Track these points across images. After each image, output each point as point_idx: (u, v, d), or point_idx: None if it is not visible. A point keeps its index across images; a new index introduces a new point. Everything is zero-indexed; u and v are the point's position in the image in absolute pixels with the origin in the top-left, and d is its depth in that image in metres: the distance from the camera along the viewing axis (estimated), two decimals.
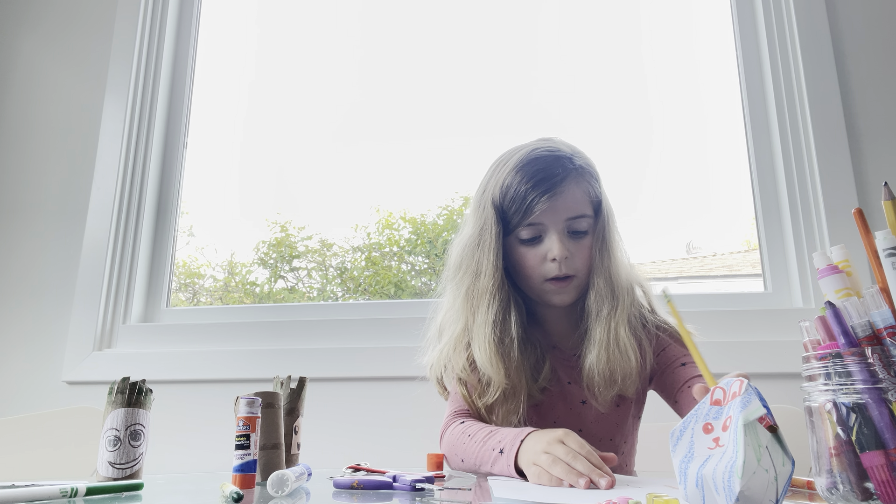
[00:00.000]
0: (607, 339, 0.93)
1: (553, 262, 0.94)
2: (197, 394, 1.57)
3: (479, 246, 0.96)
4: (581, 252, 0.95)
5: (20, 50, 1.93)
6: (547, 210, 0.92)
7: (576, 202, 0.94)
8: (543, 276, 0.95)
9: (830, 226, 1.48)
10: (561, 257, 0.93)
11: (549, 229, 0.94)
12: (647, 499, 0.53)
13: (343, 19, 2.00)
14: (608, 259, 0.96)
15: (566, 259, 0.93)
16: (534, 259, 0.95)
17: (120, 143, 1.77)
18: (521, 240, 0.96)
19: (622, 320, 0.94)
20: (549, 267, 0.94)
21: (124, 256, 1.74)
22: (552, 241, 0.93)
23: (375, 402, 1.52)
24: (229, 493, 0.61)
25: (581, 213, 0.95)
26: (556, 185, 0.92)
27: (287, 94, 1.98)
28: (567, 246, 0.94)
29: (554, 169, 0.93)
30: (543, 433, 0.79)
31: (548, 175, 0.93)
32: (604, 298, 0.95)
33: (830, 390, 0.52)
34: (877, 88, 1.56)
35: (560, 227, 0.94)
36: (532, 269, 0.96)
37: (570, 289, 0.96)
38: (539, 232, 0.95)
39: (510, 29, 1.92)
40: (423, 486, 0.70)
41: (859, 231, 0.59)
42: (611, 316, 0.94)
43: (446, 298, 1.04)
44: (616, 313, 0.94)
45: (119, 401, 0.80)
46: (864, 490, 0.50)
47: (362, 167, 1.90)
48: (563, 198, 0.93)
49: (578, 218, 0.95)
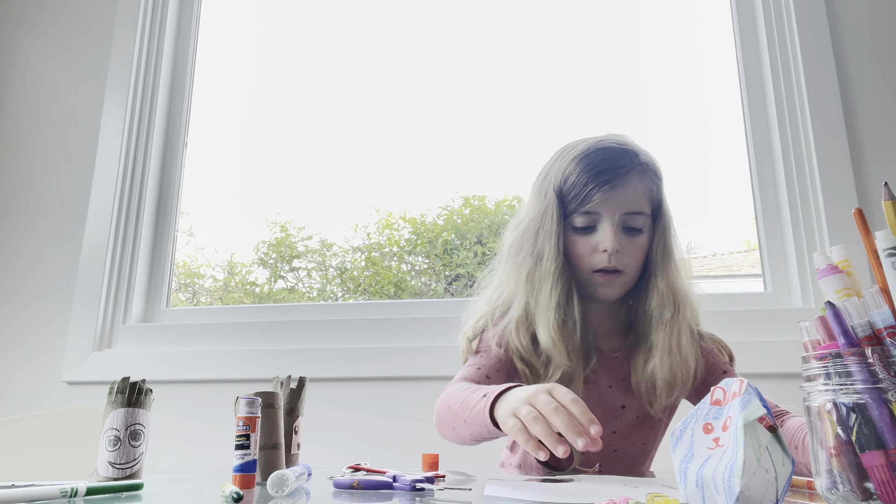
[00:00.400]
0: (670, 345, 0.92)
1: (603, 254, 0.93)
2: (197, 394, 1.57)
3: (540, 230, 0.96)
4: (633, 249, 0.94)
5: (20, 50, 1.93)
6: (605, 200, 0.92)
7: (636, 198, 0.93)
8: (592, 267, 0.94)
9: (830, 226, 1.48)
10: (612, 249, 0.92)
11: (605, 220, 0.93)
12: (647, 499, 0.53)
13: (343, 20, 2.00)
14: (669, 263, 0.96)
15: (617, 253, 0.92)
16: (584, 248, 0.94)
17: (120, 143, 1.77)
18: (575, 227, 0.95)
19: (684, 326, 0.94)
20: (598, 258, 0.93)
21: (124, 256, 1.74)
22: (606, 232, 0.92)
23: (375, 402, 1.52)
24: (229, 493, 0.61)
25: (639, 209, 0.94)
26: (618, 177, 0.92)
27: (287, 94, 1.98)
28: (620, 240, 0.92)
29: (619, 161, 0.93)
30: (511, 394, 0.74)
31: (611, 166, 0.92)
32: (666, 303, 0.94)
33: (830, 390, 0.52)
34: (877, 88, 1.56)
35: (615, 220, 0.92)
36: (581, 258, 0.95)
37: (616, 283, 0.95)
38: (594, 221, 0.94)
39: (509, 29, 1.92)
40: (422, 486, 0.70)
41: (859, 231, 0.59)
42: (674, 321, 0.93)
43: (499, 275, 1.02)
44: (678, 318, 0.93)
45: (119, 401, 0.80)
46: (864, 490, 0.50)
47: (362, 167, 1.90)
48: (624, 191, 0.92)
49: (636, 214, 0.94)
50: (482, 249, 1.85)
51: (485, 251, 1.84)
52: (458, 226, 1.88)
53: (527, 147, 1.83)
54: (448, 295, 1.84)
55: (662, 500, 0.51)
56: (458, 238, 1.87)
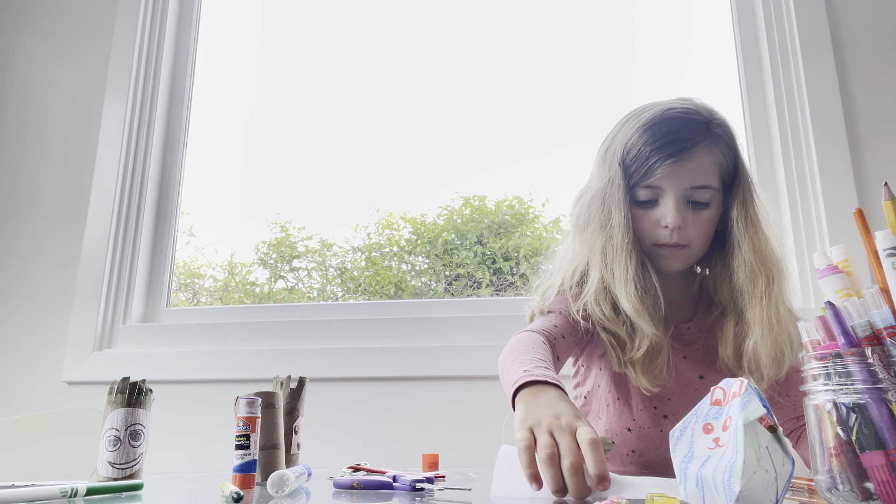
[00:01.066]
0: (768, 319, 0.87)
1: (665, 229, 0.90)
2: (197, 394, 1.57)
3: (607, 201, 0.92)
4: (698, 223, 0.91)
5: (19, 49, 1.93)
6: (669, 175, 0.88)
7: (702, 172, 0.89)
8: (654, 241, 0.92)
9: (830, 226, 1.48)
10: (674, 226, 0.89)
11: (668, 194, 0.89)
12: (647, 499, 0.53)
13: (343, 20, 2.00)
14: (755, 233, 0.91)
15: (679, 228, 0.89)
16: (646, 222, 0.92)
17: (120, 143, 1.77)
18: (637, 200, 0.92)
19: (780, 296, 0.89)
20: (660, 233, 0.91)
21: (124, 256, 1.74)
22: (668, 207, 0.89)
23: (375, 402, 1.52)
24: (229, 493, 0.61)
25: (706, 183, 0.89)
26: (683, 150, 0.87)
27: (287, 94, 1.98)
28: (683, 215, 0.89)
29: (686, 132, 0.88)
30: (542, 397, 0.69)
31: (678, 138, 0.88)
32: (757, 273, 0.89)
33: (830, 390, 0.52)
34: (877, 88, 1.56)
35: (679, 195, 0.89)
36: (643, 232, 0.92)
37: (680, 256, 0.92)
38: (656, 195, 0.90)
39: (509, 29, 1.92)
40: (422, 487, 0.70)
41: (859, 231, 0.59)
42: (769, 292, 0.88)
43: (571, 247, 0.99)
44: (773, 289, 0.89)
45: (119, 401, 0.80)
46: (864, 490, 0.50)
47: (362, 167, 1.90)
48: (690, 165, 0.88)
49: (701, 189, 0.89)
50: (482, 249, 1.85)
51: (485, 251, 1.84)
52: (458, 226, 1.88)
53: (527, 147, 1.83)
54: (448, 295, 1.84)
55: (662, 500, 0.51)
56: (458, 238, 1.87)
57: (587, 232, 0.95)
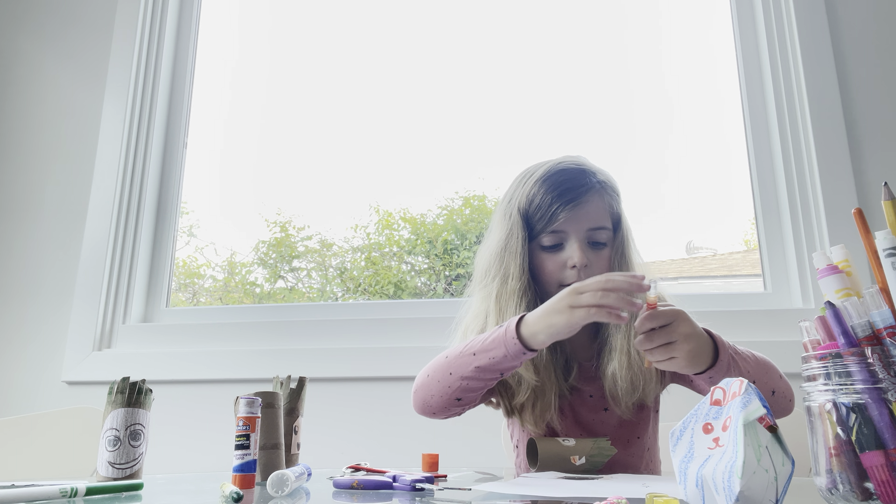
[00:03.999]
0: (628, 346, 0.96)
1: (572, 270, 0.96)
2: (197, 394, 1.57)
3: (505, 251, 1.00)
4: (599, 262, 0.99)
5: (20, 50, 1.93)
6: (570, 219, 0.96)
7: (598, 214, 0.98)
8: (561, 282, 0.98)
9: (830, 226, 1.48)
10: (581, 264, 0.96)
11: (571, 237, 0.97)
12: (647, 499, 0.53)
13: (343, 20, 2.00)
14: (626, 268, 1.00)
15: (585, 267, 0.96)
16: (554, 265, 0.99)
17: (120, 143, 1.77)
18: (543, 246, 0.99)
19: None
20: (567, 274, 0.97)
21: (124, 256, 1.74)
22: (573, 248, 0.97)
23: (375, 402, 1.52)
24: (229, 493, 0.61)
25: (602, 224, 0.98)
26: (580, 196, 0.96)
27: (287, 94, 1.98)
28: (587, 254, 0.97)
29: (579, 180, 0.98)
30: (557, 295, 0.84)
31: (573, 186, 0.97)
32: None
33: (830, 390, 0.52)
34: (877, 88, 1.56)
35: (581, 236, 0.97)
36: (551, 275, 0.99)
37: None
38: (561, 239, 0.98)
39: (509, 30, 1.92)
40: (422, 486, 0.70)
41: (859, 231, 0.59)
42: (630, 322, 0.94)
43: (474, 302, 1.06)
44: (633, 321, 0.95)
45: (119, 401, 0.80)
46: (863, 490, 0.50)
47: (362, 167, 1.90)
48: (586, 208, 0.97)
49: (599, 229, 0.98)
50: None
51: None
52: (458, 226, 1.88)
53: (527, 147, 1.83)
54: (448, 295, 1.84)
55: (662, 500, 0.51)
56: (458, 238, 1.87)
57: (485, 282, 1.03)
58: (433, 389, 0.94)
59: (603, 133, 1.81)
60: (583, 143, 1.81)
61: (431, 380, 0.94)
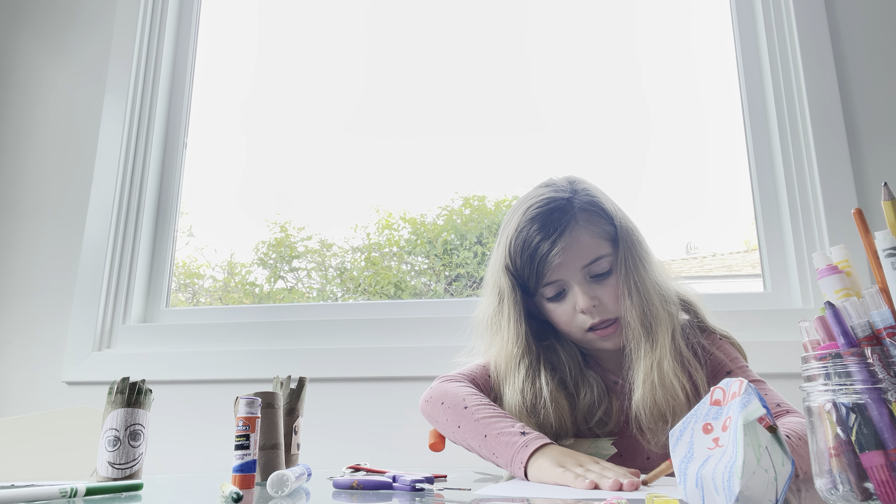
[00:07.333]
0: (651, 377, 0.88)
1: (583, 314, 0.91)
2: (197, 394, 1.57)
3: (499, 314, 0.96)
4: (609, 293, 0.92)
5: (19, 49, 1.93)
6: (560, 265, 0.90)
7: (588, 246, 0.91)
8: (581, 328, 0.93)
9: (830, 226, 1.48)
10: (588, 308, 0.90)
11: (569, 282, 0.91)
12: (647, 499, 0.53)
13: (343, 21, 2.00)
14: (636, 293, 0.91)
15: (595, 307, 0.91)
16: (564, 314, 0.93)
17: (120, 143, 1.77)
18: (547, 298, 0.94)
19: (664, 354, 0.90)
20: (581, 319, 0.92)
21: (124, 256, 1.74)
22: (575, 293, 0.91)
23: (375, 402, 1.52)
24: (229, 493, 0.61)
25: (597, 255, 0.91)
26: (560, 239, 0.89)
27: (287, 94, 1.98)
28: (592, 293, 0.91)
29: (554, 223, 0.90)
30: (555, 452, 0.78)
31: (549, 231, 0.90)
32: (640, 337, 0.91)
33: (830, 390, 0.52)
34: (877, 88, 1.56)
35: (579, 278, 0.91)
36: (567, 324, 0.94)
37: (615, 334, 0.93)
38: (560, 288, 0.92)
39: (509, 29, 1.92)
40: (422, 487, 0.70)
41: (859, 231, 0.59)
42: (650, 353, 0.90)
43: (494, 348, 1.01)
44: (656, 349, 0.90)
45: (119, 401, 0.80)
46: (863, 490, 0.50)
47: (362, 167, 1.90)
48: (572, 248, 0.90)
49: (595, 261, 0.91)
50: (482, 249, 1.85)
51: (485, 251, 1.84)
52: (458, 226, 1.88)
53: (527, 147, 1.83)
54: (448, 295, 1.84)
55: (662, 500, 0.51)
56: (458, 238, 1.87)
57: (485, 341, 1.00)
58: (440, 422, 0.94)
59: (603, 132, 1.81)
60: (583, 142, 1.81)
61: (442, 414, 0.93)
